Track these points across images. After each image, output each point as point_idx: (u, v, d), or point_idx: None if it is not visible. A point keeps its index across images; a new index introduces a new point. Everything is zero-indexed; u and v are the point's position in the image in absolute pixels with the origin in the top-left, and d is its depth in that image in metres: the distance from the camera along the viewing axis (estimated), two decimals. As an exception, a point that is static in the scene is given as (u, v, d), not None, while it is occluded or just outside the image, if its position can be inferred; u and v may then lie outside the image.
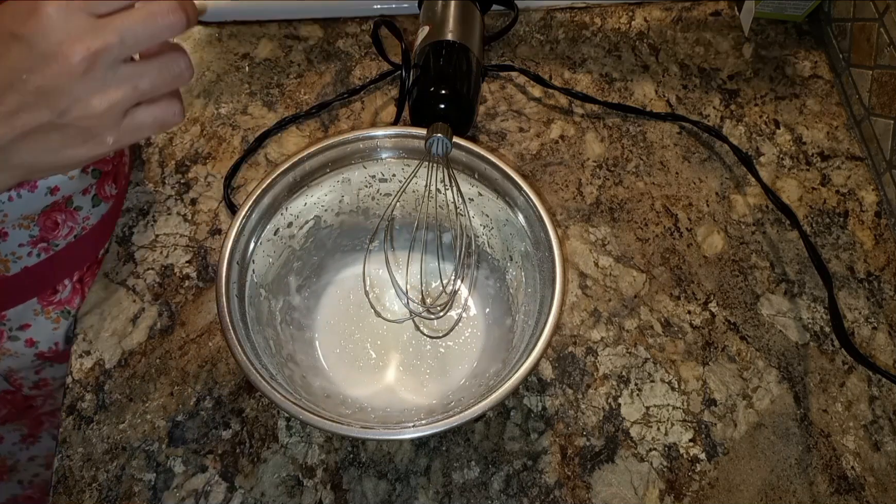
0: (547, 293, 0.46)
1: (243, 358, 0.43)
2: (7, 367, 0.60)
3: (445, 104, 0.58)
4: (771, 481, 0.53)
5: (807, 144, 0.67)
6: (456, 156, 0.52)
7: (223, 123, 0.68)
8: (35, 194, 0.51)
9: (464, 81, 0.60)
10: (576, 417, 0.55)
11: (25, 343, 0.58)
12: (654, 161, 0.66)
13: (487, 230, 0.55)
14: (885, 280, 0.60)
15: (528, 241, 0.51)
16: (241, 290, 0.47)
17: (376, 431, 0.42)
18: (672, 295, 0.60)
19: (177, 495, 0.52)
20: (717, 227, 0.63)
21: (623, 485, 0.52)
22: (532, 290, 0.51)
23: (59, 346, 0.60)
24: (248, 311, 0.47)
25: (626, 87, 0.71)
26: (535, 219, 0.49)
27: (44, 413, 0.70)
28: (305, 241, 0.54)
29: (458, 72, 0.60)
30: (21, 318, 0.57)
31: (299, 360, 0.52)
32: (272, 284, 0.52)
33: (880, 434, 0.54)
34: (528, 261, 0.51)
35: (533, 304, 0.49)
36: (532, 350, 0.44)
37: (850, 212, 0.64)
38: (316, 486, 0.52)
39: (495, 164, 0.50)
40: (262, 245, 0.50)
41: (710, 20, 0.75)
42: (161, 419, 0.54)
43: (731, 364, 0.57)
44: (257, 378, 0.42)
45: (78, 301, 0.59)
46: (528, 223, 0.51)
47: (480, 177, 0.53)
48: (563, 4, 0.75)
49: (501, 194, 0.52)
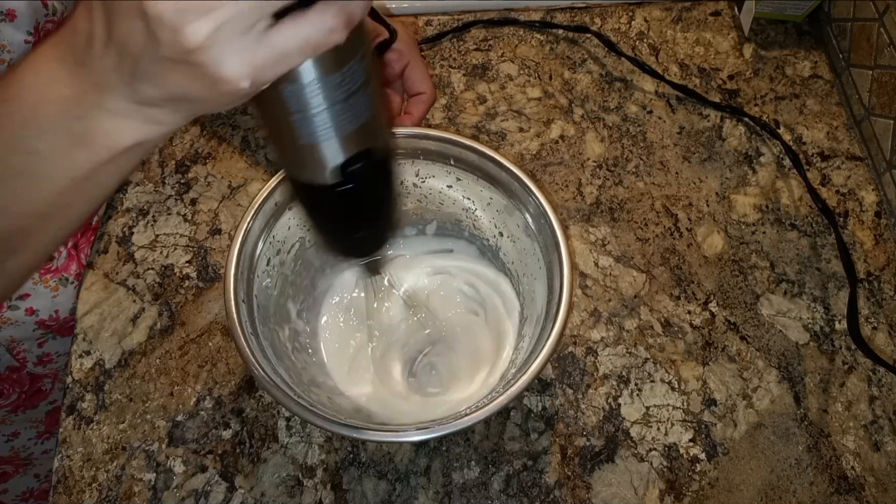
0: (555, 284, 0.46)
1: (281, 394, 0.42)
2: (9, 337, 0.60)
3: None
4: (771, 481, 0.53)
5: (807, 144, 0.67)
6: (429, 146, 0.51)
7: (223, 123, 0.68)
8: None
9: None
10: (576, 417, 0.55)
11: (25, 312, 0.58)
12: (654, 161, 0.66)
13: (471, 213, 0.55)
14: (885, 280, 0.60)
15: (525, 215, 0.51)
16: (253, 328, 0.47)
17: (408, 434, 0.42)
18: (672, 295, 0.60)
19: (177, 495, 0.52)
20: (717, 227, 0.63)
21: (623, 485, 0.52)
22: (536, 276, 0.51)
23: (59, 314, 0.60)
24: (265, 348, 0.47)
25: (625, 87, 0.71)
26: (540, 215, 0.49)
27: (58, 407, 0.71)
28: (295, 264, 0.53)
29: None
30: (20, 288, 0.57)
31: (320, 383, 0.52)
32: (275, 315, 0.51)
33: (880, 434, 0.54)
34: (527, 233, 0.51)
35: (541, 286, 0.49)
36: (543, 349, 0.43)
37: (850, 212, 0.64)
38: (316, 486, 0.52)
39: (472, 147, 0.50)
40: (260, 278, 0.50)
41: (710, 20, 0.75)
42: (161, 419, 0.54)
43: (731, 364, 0.57)
44: (301, 410, 0.42)
45: (75, 267, 0.59)
46: (534, 221, 0.50)
47: (457, 161, 0.52)
48: (563, 4, 0.75)
49: (484, 175, 0.52)
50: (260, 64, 0.25)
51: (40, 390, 0.69)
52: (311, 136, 0.30)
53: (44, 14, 0.50)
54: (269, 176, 0.65)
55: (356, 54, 0.29)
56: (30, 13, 0.48)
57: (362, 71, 0.29)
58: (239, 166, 0.66)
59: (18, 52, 0.48)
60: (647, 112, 0.69)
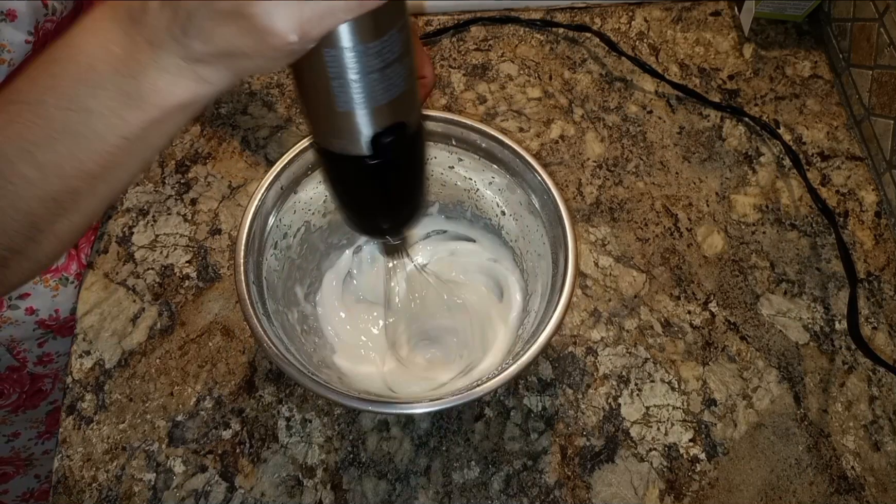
0: (560, 256, 0.47)
1: (294, 370, 0.43)
2: (9, 336, 0.60)
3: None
4: (771, 481, 0.53)
5: (807, 144, 0.67)
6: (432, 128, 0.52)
7: (223, 123, 0.68)
8: None
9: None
10: (576, 417, 0.55)
11: (26, 311, 0.59)
12: (654, 161, 0.66)
13: (473, 193, 0.55)
14: (884, 280, 0.60)
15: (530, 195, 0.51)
16: (264, 308, 0.47)
17: (424, 405, 0.42)
18: (672, 295, 0.60)
19: (177, 495, 0.52)
20: (717, 227, 0.63)
21: (623, 485, 0.52)
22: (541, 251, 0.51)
23: (59, 313, 0.60)
24: (277, 328, 0.47)
25: (625, 87, 0.71)
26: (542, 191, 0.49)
27: (59, 407, 0.71)
28: (301, 248, 0.54)
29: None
30: (20, 288, 0.57)
31: (330, 364, 0.53)
32: (283, 298, 0.52)
33: (880, 434, 0.54)
34: (529, 210, 0.52)
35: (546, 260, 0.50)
36: (553, 315, 0.44)
37: (850, 212, 0.64)
38: (316, 486, 0.52)
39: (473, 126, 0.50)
40: (268, 261, 0.50)
41: (710, 20, 0.75)
42: (161, 419, 0.54)
43: (731, 364, 0.57)
44: (315, 385, 0.42)
45: (75, 267, 0.60)
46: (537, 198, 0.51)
47: (459, 141, 0.52)
48: (563, 4, 0.75)
49: (488, 155, 0.52)
50: (307, 18, 0.26)
51: (40, 390, 0.69)
52: (348, 103, 0.31)
53: (43, 14, 0.50)
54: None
55: (395, 25, 0.30)
56: (30, 13, 0.49)
57: (400, 42, 0.31)
58: (239, 166, 0.66)
59: (19, 52, 0.48)
60: (647, 112, 0.69)
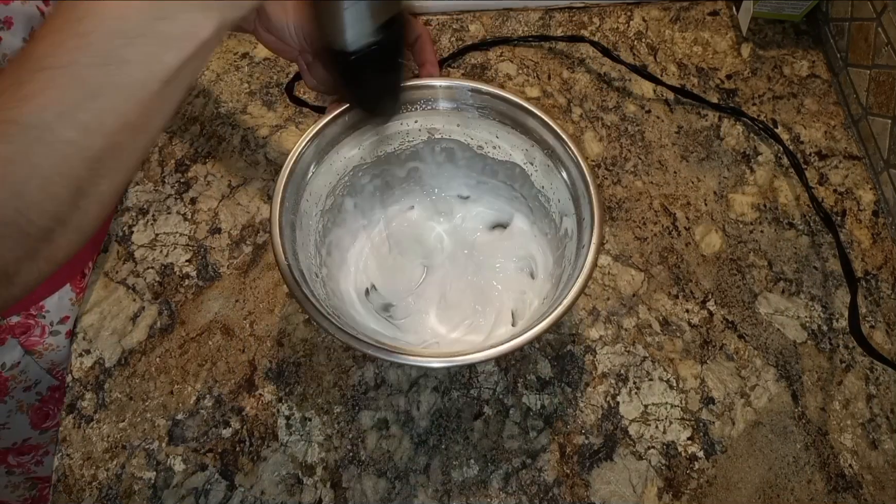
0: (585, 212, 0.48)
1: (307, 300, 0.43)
2: (50, 362, 0.61)
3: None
4: (769, 479, 0.53)
5: (804, 144, 0.68)
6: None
7: (223, 123, 0.69)
8: None
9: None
10: (574, 416, 0.55)
11: (65, 335, 0.59)
12: (652, 160, 0.67)
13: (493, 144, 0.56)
14: (882, 279, 0.60)
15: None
16: (294, 258, 0.47)
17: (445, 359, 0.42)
18: (670, 294, 0.60)
19: (177, 494, 0.52)
20: (716, 226, 0.63)
21: (621, 483, 0.52)
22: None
23: None
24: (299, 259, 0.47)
25: (624, 87, 0.71)
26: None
27: None
28: (324, 219, 0.54)
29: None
30: (60, 311, 0.58)
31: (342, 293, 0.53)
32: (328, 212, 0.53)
33: (878, 432, 0.54)
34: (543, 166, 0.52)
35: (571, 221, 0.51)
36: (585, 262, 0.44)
37: (848, 211, 0.64)
38: (316, 485, 0.52)
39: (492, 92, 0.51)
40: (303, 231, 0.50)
41: (708, 20, 0.76)
42: (161, 418, 0.55)
43: (729, 362, 0.57)
44: (336, 330, 0.42)
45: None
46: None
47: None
48: (561, 4, 0.75)
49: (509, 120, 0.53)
50: None
51: None
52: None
53: (39, 21, 0.51)
54: (270, 175, 0.65)
55: None
56: (25, 20, 0.49)
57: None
58: (239, 166, 0.66)
59: None
60: (646, 111, 0.69)
